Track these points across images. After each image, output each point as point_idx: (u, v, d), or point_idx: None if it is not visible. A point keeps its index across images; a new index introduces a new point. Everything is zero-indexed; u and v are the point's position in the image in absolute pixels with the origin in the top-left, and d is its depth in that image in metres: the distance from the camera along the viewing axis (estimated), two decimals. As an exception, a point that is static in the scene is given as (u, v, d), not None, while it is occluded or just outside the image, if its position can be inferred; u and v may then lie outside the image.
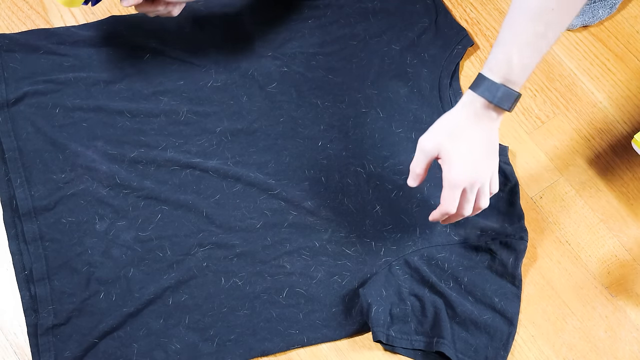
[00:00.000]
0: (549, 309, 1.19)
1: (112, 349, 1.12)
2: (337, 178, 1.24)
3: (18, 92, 1.25)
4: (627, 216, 1.25)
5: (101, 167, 1.21)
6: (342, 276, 1.18)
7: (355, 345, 1.16)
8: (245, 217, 1.20)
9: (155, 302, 1.15)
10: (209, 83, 1.29)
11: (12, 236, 1.18)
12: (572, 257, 1.22)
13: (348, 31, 1.33)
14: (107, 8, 1.34)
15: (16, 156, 1.21)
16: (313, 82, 1.30)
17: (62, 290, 1.14)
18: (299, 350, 1.15)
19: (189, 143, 1.25)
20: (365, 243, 1.20)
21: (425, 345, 1.13)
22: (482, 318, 1.15)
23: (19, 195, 1.19)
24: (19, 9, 1.33)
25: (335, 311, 1.16)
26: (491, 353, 1.14)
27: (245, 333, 1.14)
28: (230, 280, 1.17)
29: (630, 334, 1.18)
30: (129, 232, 1.18)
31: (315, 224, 1.21)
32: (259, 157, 1.24)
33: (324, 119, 1.27)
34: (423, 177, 1.07)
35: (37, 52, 1.28)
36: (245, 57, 1.31)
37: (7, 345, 1.13)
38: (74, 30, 1.30)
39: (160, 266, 1.17)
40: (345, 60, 1.32)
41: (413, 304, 1.15)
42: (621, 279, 1.21)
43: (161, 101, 1.27)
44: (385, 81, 1.30)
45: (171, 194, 1.21)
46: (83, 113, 1.25)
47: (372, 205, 1.22)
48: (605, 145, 1.29)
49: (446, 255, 1.19)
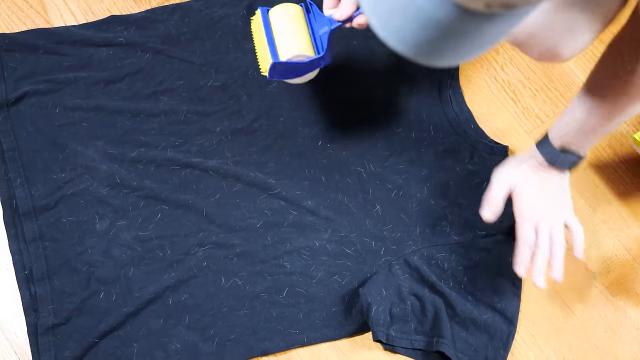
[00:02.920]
0: (549, 309, 1.18)
1: (112, 349, 1.11)
2: (337, 177, 1.23)
3: (18, 92, 1.24)
4: (627, 216, 1.24)
5: (101, 167, 1.20)
6: (342, 276, 1.17)
7: (355, 345, 1.15)
8: (245, 216, 1.19)
9: (156, 301, 1.14)
10: (209, 83, 1.28)
11: (12, 236, 1.17)
12: (572, 257, 1.19)
13: (347, 31, 1.30)
14: (107, 8, 1.33)
15: (16, 156, 1.20)
16: (313, 81, 1.27)
17: (62, 290, 1.14)
18: (299, 349, 1.14)
19: (189, 142, 1.24)
20: (365, 242, 1.19)
21: (425, 344, 1.12)
22: (482, 318, 1.14)
23: (19, 195, 1.18)
24: (19, 8, 1.32)
25: (335, 311, 1.16)
26: (491, 352, 1.13)
27: (245, 333, 1.14)
28: (230, 279, 1.16)
29: (630, 333, 1.17)
30: (129, 232, 1.17)
31: (315, 224, 1.20)
32: (259, 157, 1.24)
33: (324, 119, 1.26)
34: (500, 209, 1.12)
35: (37, 52, 1.27)
36: (245, 56, 1.30)
37: (7, 345, 1.13)
38: (74, 30, 1.30)
39: (160, 266, 1.16)
40: (346, 59, 1.31)
41: (413, 304, 1.14)
42: (621, 278, 1.21)
43: (161, 101, 1.26)
44: (387, 79, 1.30)
45: (171, 194, 1.20)
46: (83, 112, 1.24)
47: (372, 205, 1.21)
48: (605, 145, 1.29)
49: (446, 255, 1.18)
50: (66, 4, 1.33)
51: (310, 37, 1.12)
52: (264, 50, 1.11)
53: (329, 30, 1.10)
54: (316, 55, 1.10)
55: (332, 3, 1.12)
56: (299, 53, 1.10)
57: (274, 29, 1.13)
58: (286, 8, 1.14)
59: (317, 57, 1.09)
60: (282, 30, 1.12)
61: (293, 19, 1.13)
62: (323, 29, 1.11)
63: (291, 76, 1.14)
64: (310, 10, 1.15)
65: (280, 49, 1.10)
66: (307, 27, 1.13)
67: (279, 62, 1.08)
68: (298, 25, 1.13)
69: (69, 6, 1.32)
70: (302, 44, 1.11)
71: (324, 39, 1.11)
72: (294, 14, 1.14)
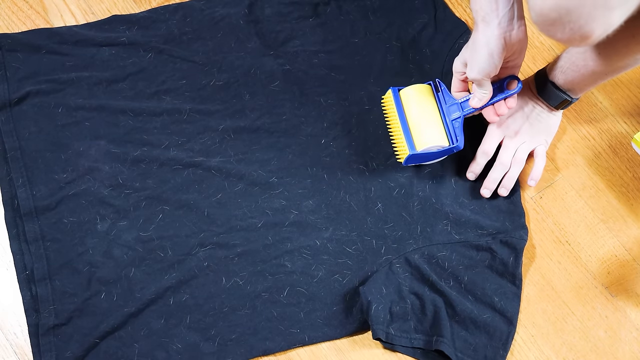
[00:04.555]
0: (549, 309, 1.17)
1: (113, 349, 1.11)
2: (339, 175, 1.22)
3: (20, 92, 1.23)
4: (627, 216, 1.23)
5: (103, 167, 1.19)
6: (343, 275, 1.16)
7: (355, 345, 1.14)
8: (247, 216, 1.19)
9: (157, 302, 1.13)
10: (212, 82, 1.27)
11: (14, 236, 1.16)
12: (572, 257, 1.20)
13: (349, 29, 1.32)
14: (107, 8, 1.32)
15: (18, 156, 1.20)
16: (315, 80, 1.28)
17: (64, 290, 1.13)
18: (299, 349, 1.14)
19: (191, 141, 1.23)
20: (366, 241, 1.18)
21: (424, 343, 1.11)
22: (482, 317, 1.13)
23: (20, 195, 1.17)
24: (19, 9, 1.31)
25: (336, 310, 1.15)
26: (490, 352, 1.12)
27: (246, 332, 1.13)
28: (231, 279, 1.15)
29: (630, 334, 1.17)
30: (130, 232, 1.17)
31: (316, 223, 1.19)
32: (262, 155, 1.23)
33: (326, 117, 1.25)
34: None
35: (39, 52, 1.26)
36: (247, 55, 1.29)
37: (7, 345, 1.12)
38: (76, 29, 1.29)
39: (162, 266, 1.15)
40: (347, 58, 1.30)
41: (413, 302, 1.14)
42: (621, 279, 1.20)
43: (164, 100, 1.25)
44: (388, 78, 1.28)
45: (173, 194, 1.19)
46: (86, 112, 1.23)
47: (373, 203, 1.20)
48: (605, 145, 1.27)
49: (447, 254, 1.17)
50: (66, 4, 1.31)
51: (443, 124, 1.16)
52: (400, 138, 1.16)
53: (462, 117, 1.14)
54: (450, 145, 1.15)
55: (459, 86, 1.15)
56: (435, 144, 1.14)
57: (408, 113, 1.17)
58: (418, 90, 1.17)
59: (451, 146, 1.14)
60: (417, 117, 1.16)
61: (426, 103, 1.17)
62: (455, 113, 1.15)
63: (425, 161, 1.19)
64: (440, 89, 1.17)
65: (416, 139, 1.15)
66: (439, 110, 1.17)
67: (416, 153, 1.14)
68: (431, 110, 1.16)
69: (69, 6, 1.31)
70: (437, 135, 1.15)
71: (456, 126, 1.14)
72: (425, 96, 1.18)
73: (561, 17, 0.78)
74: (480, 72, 1.05)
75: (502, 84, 1.12)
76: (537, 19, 0.80)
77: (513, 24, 1.00)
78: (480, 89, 1.10)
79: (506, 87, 1.12)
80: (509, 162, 1.19)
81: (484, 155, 1.19)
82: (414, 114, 1.16)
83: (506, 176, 1.19)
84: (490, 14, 1.00)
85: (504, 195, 1.20)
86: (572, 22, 0.77)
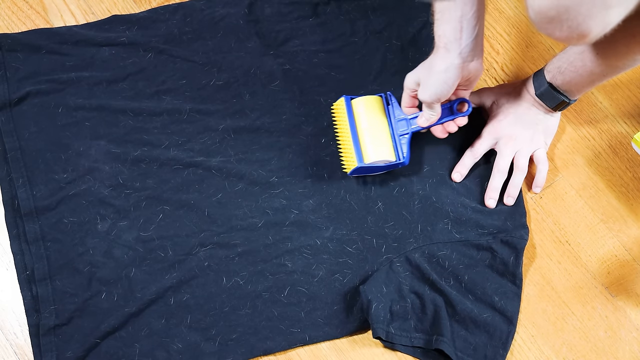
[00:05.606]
0: (549, 309, 1.17)
1: (114, 349, 1.10)
2: (339, 175, 1.21)
3: (20, 92, 1.22)
4: (627, 216, 1.22)
5: (104, 167, 1.19)
6: (343, 274, 1.16)
7: (355, 345, 1.14)
8: (247, 216, 1.18)
9: (157, 302, 1.13)
10: (212, 81, 1.26)
11: (14, 236, 1.16)
12: (572, 257, 1.20)
13: (348, 28, 1.31)
14: (107, 8, 1.32)
15: (18, 156, 1.19)
16: (316, 79, 1.27)
17: (64, 291, 1.12)
18: (299, 349, 1.13)
19: (192, 141, 1.22)
20: (367, 240, 1.18)
21: (424, 342, 1.11)
22: (482, 316, 1.12)
23: (20, 195, 1.17)
24: (19, 9, 1.31)
25: (337, 309, 1.14)
26: (490, 352, 1.11)
27: (247, 332, 1.13)
28: (232, 279, 1.15)
29: (630, 334, 1.16)
30: (130, 232, 1.16)
31: (316, 222, 1.18)
32: (262, 154, 1.22)
33: (327, 116, 1.25)
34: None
35: (39, 52, 1.25)
36: (247, 55, 1.28)
37: (7, 345, 1.12)
38: (76, 29, 1.28)
39: (162, 266, 1.15)
40: (347, 57, 1.29)
41: (413, 302, 1.13)
42: (621, 279, 1.19)
43: (164, 100, 1.24)
44: (388, 77, 1.28)
45: (173, 194, 1.18)
46: (86, 112, 1.22)
47: (373, 202, 1.20)
48: (605, 145, 1.27)
49: (447, 253, 1.16)
50: (66, 4, 1.30)
51: (391, 138, 1.17)
52: (349, 148, 1.17)
53: (409, 134, 1.16)
54: (397, 161, 1.16)
55: (409, 102, 1.15)
56: (382, 159, 1.15)
57: (358, 124, 1.17)
58: (369, 102, 1.19)
59: (398, 162, 1.15)
60: (367, 129, 1.16)
61: (376, 115, 1.18)
62: (402, 129, 1.17)
63: (369, 173, 1.19)
64: (390, 103, 1.18)
65: (364, 152, 1.15)
66: (388, 124, 1.18)
67: (364, 165, 1.15)
68: (381, 123, 1.17)
69: (69, 6, 1.30)
70: (385, 149, 1.15)
71: (403, 142, 1.16)
72: (376, 108, 1.18)
73: (559, 15, 0.77)
74: (432, 96, 1.07)
75: (452, 105, 1.14)
76: (535, 16, 0.79)
77: (473, 56, 1.02)
78: (429, 111, 1.12)
79: (456, 110, 1.14)
80: (506, 169, 1.18)
81: (471, 156, 1.19)
82: (364, 126, 1.16)
83: (510, 184, 1.18)
84: (454, 43, 1.01)
85: (511, 204, 1.19)
86: (570, 20, 0.76)
